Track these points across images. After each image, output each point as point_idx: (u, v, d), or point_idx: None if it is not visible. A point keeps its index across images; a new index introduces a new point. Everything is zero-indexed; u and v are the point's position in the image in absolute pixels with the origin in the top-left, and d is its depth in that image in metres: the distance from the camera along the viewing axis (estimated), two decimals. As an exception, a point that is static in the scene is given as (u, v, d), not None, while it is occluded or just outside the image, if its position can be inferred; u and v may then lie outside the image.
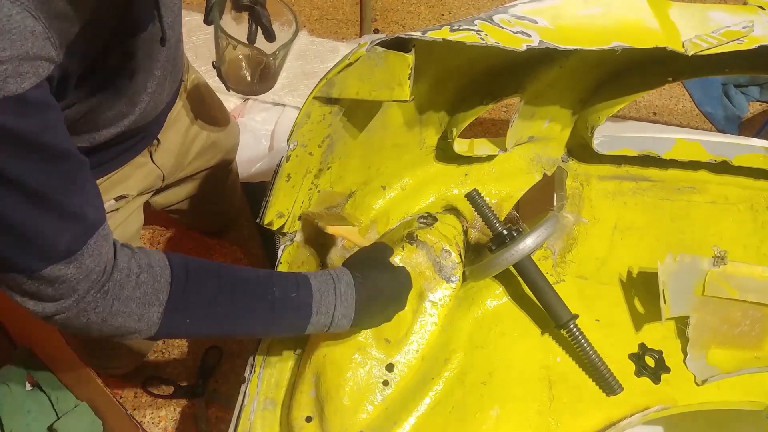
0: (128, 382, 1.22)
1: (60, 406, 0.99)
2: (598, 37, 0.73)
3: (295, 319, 0.69)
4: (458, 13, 2.02)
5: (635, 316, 0.86)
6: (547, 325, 0.83)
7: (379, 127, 0.85)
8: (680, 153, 0.94)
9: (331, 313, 0.70)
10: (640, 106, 1.72)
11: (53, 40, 0.53)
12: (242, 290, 0.67)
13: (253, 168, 1.45)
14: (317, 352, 0.77)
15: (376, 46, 0.69)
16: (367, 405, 0.75)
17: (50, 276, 0.55)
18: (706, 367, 0.81)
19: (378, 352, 0.78)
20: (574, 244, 0.92)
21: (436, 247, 0.85)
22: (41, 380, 1.01)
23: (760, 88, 1.76)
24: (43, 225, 0.53)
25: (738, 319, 0.81)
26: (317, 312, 0.69)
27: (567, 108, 0.95)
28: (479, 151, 0.93)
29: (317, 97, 0.74)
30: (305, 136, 0.77)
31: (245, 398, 0.75)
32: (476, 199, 0.84)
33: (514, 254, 0.78)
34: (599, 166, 0.99)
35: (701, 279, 0.79)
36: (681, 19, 0.79)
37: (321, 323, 0.70)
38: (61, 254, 0.55)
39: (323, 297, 0.70)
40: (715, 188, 0.98)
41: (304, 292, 0.69)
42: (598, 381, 0.79)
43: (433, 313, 0.82)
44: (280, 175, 0.79)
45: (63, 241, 0.55)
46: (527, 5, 0.76)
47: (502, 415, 0.76)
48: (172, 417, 1.19)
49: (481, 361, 0.80)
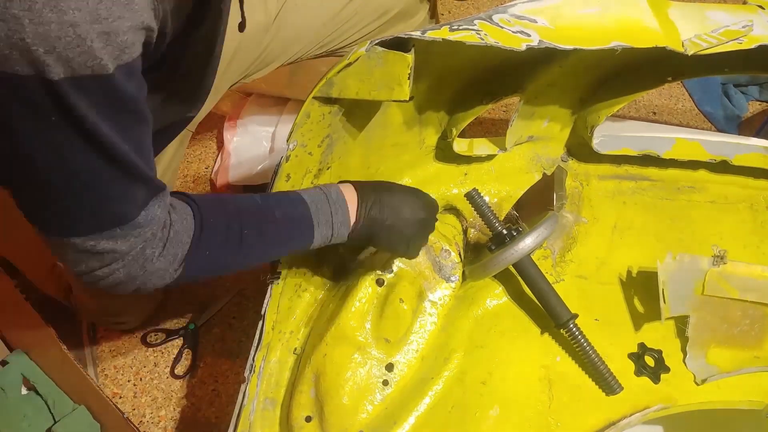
0: (128, 382, 1.22)
1: (57, 409, 0.99)
2: (598, 36, 0.73)
3: (300, 235, 0.71)
4: (458, 13, 2.01)
5: (635, 315, 0.86)
6: (546, 324, 0.83)
7: (378, 127, 0.85)
8: (680, 152, 0.94)
9: (330, 222, 0.72)
10: (639, 105, 1.71)
11: (157, 12, 0.55)
12: (248, 221, 0.69)
13: (254, 170, 1.45)
14: (317, 352, 0.77)
15: (375, 45, 0.69)
16: (367, 405, 0.75)
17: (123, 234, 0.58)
18: (706, 366, 0.81)
19: (378, 352, 0.78)
20: (574, 244, 0.92)
21: (436, 247, 0.85)
22: (37, 384, 1.00)
23: (759, 87, 1.75)
24: (123, 184, 0.56)
25: (738, 319, 0.81)
26: (318, 223, 0.71)
27: (566, 107, 0.95)
28: (479, 150, 0.93)
29: (317, 97, 0.74)
30: (305, 136, 0.78)
31: (245, 398, 0.75)
32: (476, 199, 0.84)
33: (513, 254, 0.78)
34: (599, 165, 0.99)
35: (701, 278, 0.79)
36: (680, 19, 0.79)
37: (324, 234, 0.72)
38: (134, 213, 0.58)
39: (319, 207, 0.72)
40: (715, 188, 0.98)
41: (302, 207, 0.71)
42: (598, 381, 0.79)
43: (433, 313, 0.82)
44: (280, 175, 0.80)
45: (138, 200, 0.58)
46: (527, 5, 0.76)
47: (501, 414, 0.76)
48: (172, 417, 1.19)
49: (480, 361, 0.80)
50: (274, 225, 0.70)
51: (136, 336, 1.27)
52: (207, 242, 0.65)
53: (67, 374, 1.00)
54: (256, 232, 0.69)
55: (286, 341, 0.81)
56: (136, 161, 0.56)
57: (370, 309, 0.80)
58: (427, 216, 0.78)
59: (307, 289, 0.84)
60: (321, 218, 0.72)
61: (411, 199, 0.77)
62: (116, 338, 1.27)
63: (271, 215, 0.70)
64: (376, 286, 0.81)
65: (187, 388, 1.23)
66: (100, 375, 1.23)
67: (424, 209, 0.78)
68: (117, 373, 1.24)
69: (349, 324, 0.78)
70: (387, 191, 0.77)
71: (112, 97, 0.52)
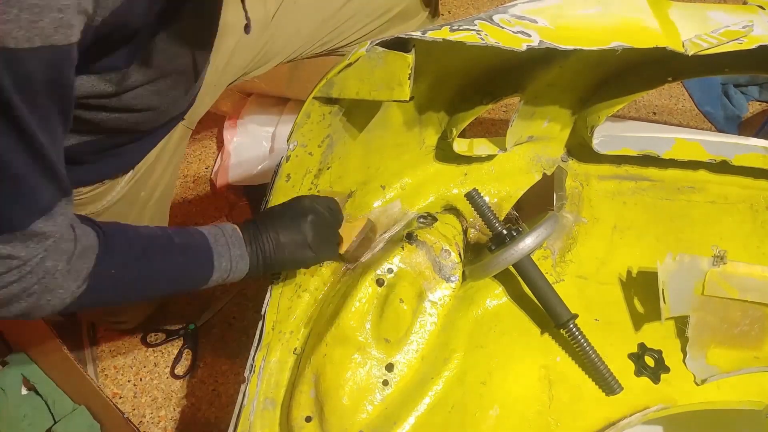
0: (128, 382, 1.23)
1: (57, 410, 0.99)
2: (598, 37, 0.73)
3: (200, 264, 0.71)
4: (458, 13, 2.01)
5: (635, 315, 0.86)
6: (546, 324, 0.83)
7: (378, 127, 0.85)
8: (680, 153, 0.94)
9: (228, 254, 0.72)
10: (639, 105, 1.71)
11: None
12: (150, 244, 0.69)
13: (254, 170, 1.45)
14: (317, 352, 0.77)
15: (375, 46, 0.69)
16: (367, 405, 0.75)
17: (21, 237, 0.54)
18: (706, 366, 0.81)
19: (378, 352, 0.78)
20: (574, 244, 0.92)
21: (436, 247, 0.85)
22: (37, 384, 1.00)
23: (759, 87, 1.75)
24: (35, 178, 0.53)
25: (738, 319, 0.81)
26: (216, 254, 0.72)
27: (567, 108, 0.95)
28: (479, 150, 0.93)
29: (317, 97, 0.74)
30: (305, 136, 0.78)
31: (245, 398, 0.75)
32: (476, 199, 0.84)
33: (513, 254, 0.78)
34: (599, 165, 0.99)
35: (701, 279, 0.79)
36: (681, 19, 0.79)
37: (222, 266, 0.72)
38: (36, 215, 0.54)
39: (217, 239, 0.72)
40: (715, 188, 0.97)
41: (200, 237, 0.72)
42: (598, 381, 0.79)
43: (433, 313, 0.82)
44: (280, 175, 0.80)
45: (45, 200, 0.55)
46: (527, 5, 0.76)
47: (501, 414, 0.76)
48: (172, 417, 1.19)
49: (480, 361, 0.80)
50: (174, 249, 0.70)
51: (136, 336, 1.27)
52: (111, 260, 0.64)
53: (67, 374, 1.00)
54: (158, 253, 0.69)
55: (286, 341, 0.81)
56: (52, 155, 0.54)
57: (370, 309, 0.80)
58: (314, 216, 0.77)
59: (307, 289, 0.84)
60: (219, 249, 0.72)
61: (288, 213, 0.76)
62: (116, 338, 1.27)
63: (170, 241, 0.70)
64: (376, 286, 0.81)
65: (187, 388, 1.23)
66: (100, 375, 1.23)
67: (307, 213, 0.77)
68: (117, 373, 1.24)
69: (349, 324, 0.78)
70: (264, 217, 0.76)
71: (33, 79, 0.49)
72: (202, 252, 0.72)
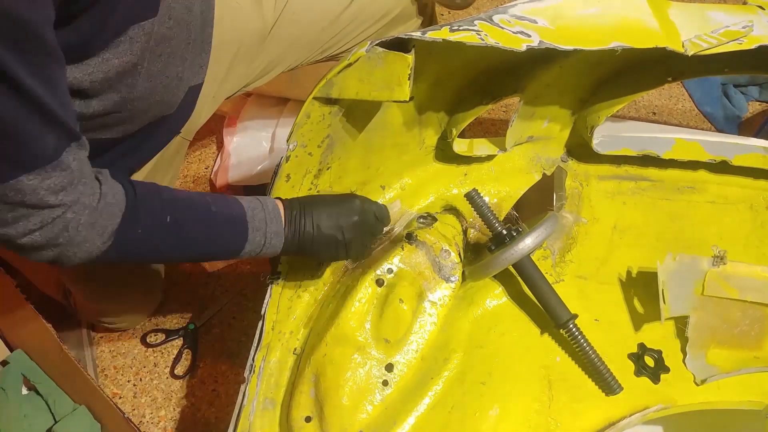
0: (128, 382, 1.23)
1: (57, 409, 0.99)
2: (598, 37, 0.73)
3: (233, 234, 0.71)
4: (458, 13, 2.01)
5: (635, 315, 0.86)
6: (546, 325, 0.83)
7: (378, 127, 0.85)
8: (679, 153, 0.94)
9: (264, 230, 0.72)
10: (639, 105, 1.71)
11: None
12: (183, 209, 0.68)
13: (254, 170, 1.45)
14: (317, 352, 0.77)
15: (375, 46, 0.69)
16: (367, 405, 0.75)
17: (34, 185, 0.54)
18: (706, 366, 0.81)
19: (377, 352, 0.78)
20: (574, 244, 0.92)
21: (436, 247, 0.85)
22: (38, 384, 1.00)
23: (759, 88, 1.75)
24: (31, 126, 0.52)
25: (737, 319, 0.81)
26: (252, 228, 0.71)
27: (566, 108, 0.95)
28: (479, 151, 0.93)
29: (317, 98, 0.74)
30: (305, 137, 0.78)
31: (245, 398, 0.75)
32: (475, 199, 0.84)
33: (513, 254, 0.78)
34: (599, 165, 0.99)
35: (701, 279, 0.79)
36: (680, 19, 0.79)
37: (256, 241, 0.72)
38: (46, 158, 0.54)
39: (255, 213, 0.72)
40: (715, 188, 0.98)
41: (238, 209, 0.71)
42: (598, 381, 0.79)
43: (433, 313, 0.82)
44: (280, 175, 0.80)
45: (49, 146, 0.54)
46: (527, 5, 0.76)
47: (501, 414, 0.76)
48: (171, 417, 1.19)
49: (480, 361, 0.80)
50: (208, 218, 0.69)
51: (136, 336, 1.27)
52: (139, 220, 0.64)
53: (67, 374, 1.00)
54: (191, 220, 0.68)
55: (286, 341, 0.81)
56: (45, 98, 0.52)
57: (370, 309, 0.80)
58: (360, 218, 0.77)
59: (307, 289, 0.84)
60: (255, 224, 0.72)
61: (337, 207, 0.77)
62: (116, 338, 1.27)
63: (206, 209, 0.69)
64: (376, 287, 0.81)
65: (187, 388, 1.23)
66: (100, 375, 1.23)
67: (355, 213, 0.77)
68: (117, 373, 1.24)
69: (349, 324, 0.78)
70: (312, 203, 0.76)
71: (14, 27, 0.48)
72: (237, 224, 0.71)
